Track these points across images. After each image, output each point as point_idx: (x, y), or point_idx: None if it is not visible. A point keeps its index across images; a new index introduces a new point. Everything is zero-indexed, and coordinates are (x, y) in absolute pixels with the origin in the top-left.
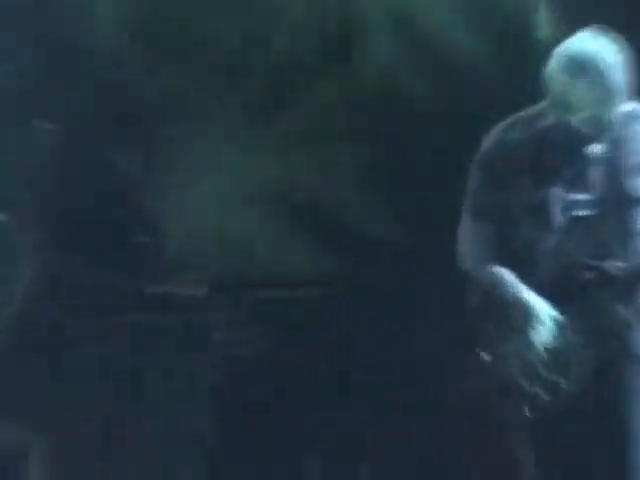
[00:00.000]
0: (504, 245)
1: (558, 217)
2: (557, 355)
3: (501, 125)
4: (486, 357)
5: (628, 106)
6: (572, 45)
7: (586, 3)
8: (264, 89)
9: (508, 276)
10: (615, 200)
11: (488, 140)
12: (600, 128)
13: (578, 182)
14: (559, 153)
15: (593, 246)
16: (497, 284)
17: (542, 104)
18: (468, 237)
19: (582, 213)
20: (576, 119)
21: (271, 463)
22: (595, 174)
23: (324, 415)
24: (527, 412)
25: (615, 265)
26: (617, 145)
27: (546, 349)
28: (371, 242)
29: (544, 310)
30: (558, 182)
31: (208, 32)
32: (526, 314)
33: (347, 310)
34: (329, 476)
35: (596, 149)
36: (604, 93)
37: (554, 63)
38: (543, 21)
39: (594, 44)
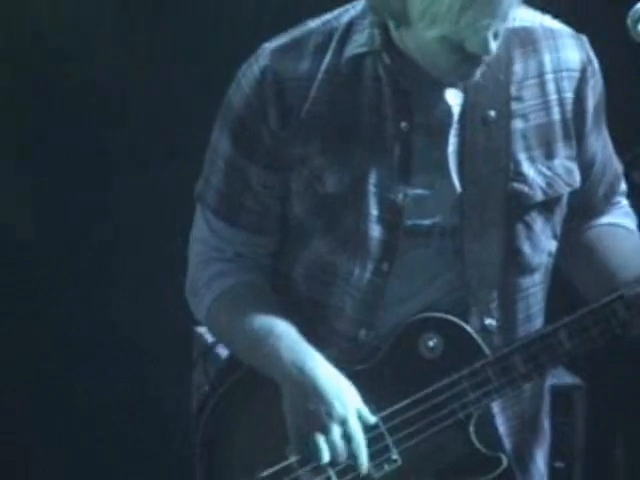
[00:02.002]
0: (284, 277)
1: (381, 232)
2: None
3: (269, 50)
4: None
5: (520, 18)
6: None
7: None
8: None
9: (286, 331)
10: (492, 206)
11: (245, 85)
12: (469, 65)
13: (419, 169)
14: (384, 110)
15: (447, 290)
16: (257, 342)
17: (353, 7)
18: (205, 254)
19: (425, 223)
20: (421, 42)
21: None
22: (452, 154)
23: None
24: None
25: (492, 324)
26: (499, 97)
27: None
28: None
29: (349, 404)
30: (381, 168)
31: None
32: (314, 410)
33: None
34: None
35: (455, 103)
36: None
37: None
38: None
39: None
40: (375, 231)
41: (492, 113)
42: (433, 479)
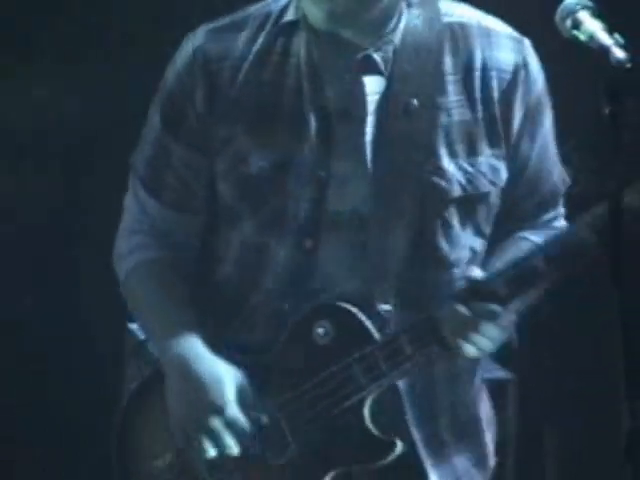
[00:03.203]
0: (216, 258)
1: (304, 211)
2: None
3: (204, 30)
4: None
5: (457, 14)
6: None
7: None
8: None
9: (182, 321)
10: (404, 197)
11: (179, 62)
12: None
13: (338, 153)
14: (306, 93)
15: (364, 279)
16: (156, 328)
17: None
18: (129, 223)
19: (346, 209)
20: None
21: None
22: (370, 140)
23: None
24: None
25: (385, 310)
26: (424, 87)
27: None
28: None
29: (227, 391)
30: (303, 150)
31: None
32: (193, 401)
33: None
34: None
35: (375, 91)
36: None
37: None
38: None
39: None
40: (299, 210)
41: (415, 102)
42: (331, 464)
